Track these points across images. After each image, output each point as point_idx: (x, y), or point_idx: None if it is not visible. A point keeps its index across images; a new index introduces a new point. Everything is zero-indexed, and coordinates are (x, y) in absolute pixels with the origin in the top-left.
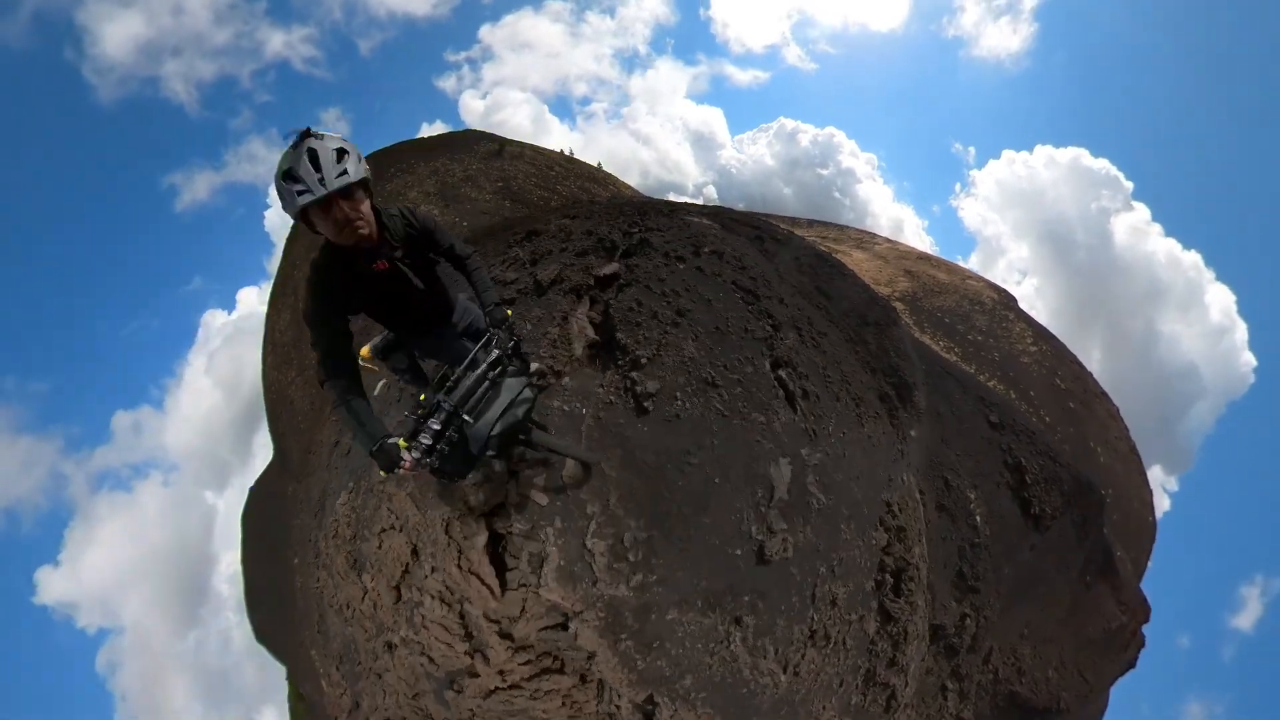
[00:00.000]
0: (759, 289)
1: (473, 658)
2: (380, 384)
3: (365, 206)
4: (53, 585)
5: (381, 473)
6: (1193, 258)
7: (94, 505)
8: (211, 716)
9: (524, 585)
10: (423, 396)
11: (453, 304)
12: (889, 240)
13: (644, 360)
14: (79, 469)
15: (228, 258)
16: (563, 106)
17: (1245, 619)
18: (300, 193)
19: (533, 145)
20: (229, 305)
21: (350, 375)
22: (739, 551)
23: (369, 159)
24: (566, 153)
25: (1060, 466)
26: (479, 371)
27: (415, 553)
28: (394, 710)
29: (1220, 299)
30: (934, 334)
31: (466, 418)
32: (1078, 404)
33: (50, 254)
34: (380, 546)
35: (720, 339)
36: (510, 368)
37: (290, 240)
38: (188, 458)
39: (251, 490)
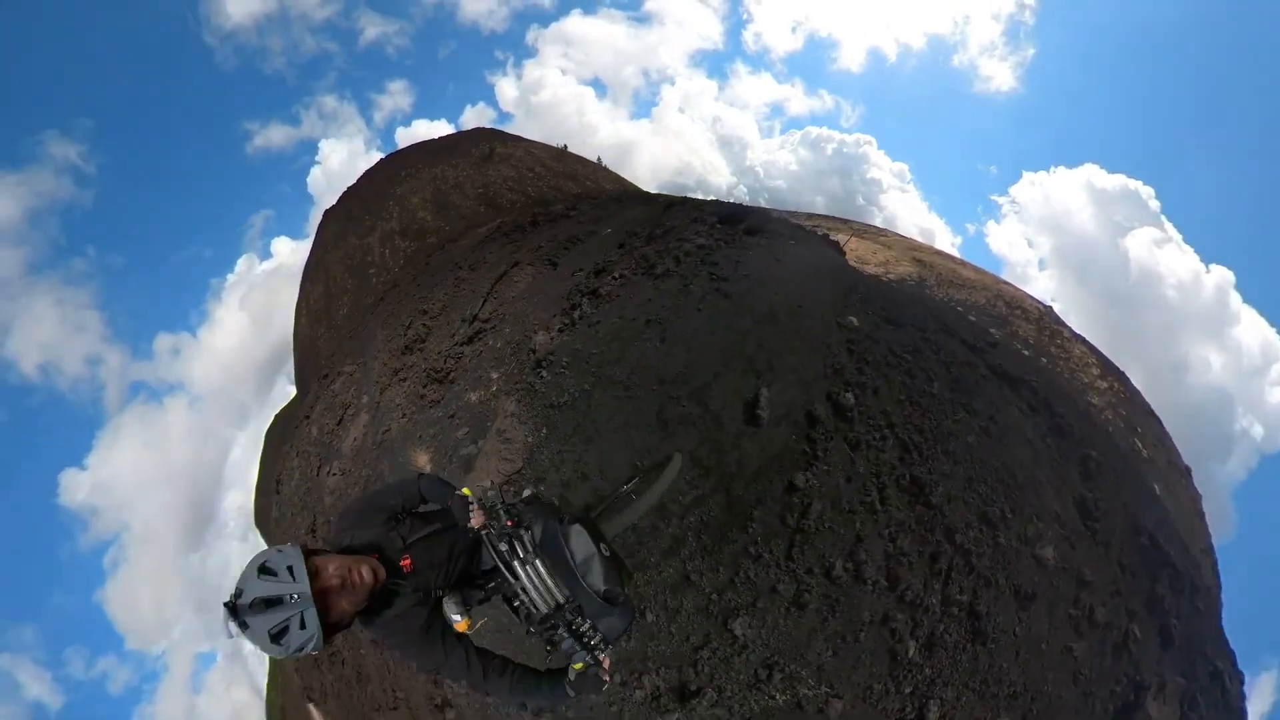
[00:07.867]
0: None
1: None
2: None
3: (334, 565)
4: (76, 488)
5: (606, 687)
6: (1221, 276)
7: (125, 415)
8: (200, 623)
9: None
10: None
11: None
12: (903, 237)
13: None
14: (116, 368)
15: (276, 206)
16: (613, 98)
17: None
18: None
19: (528, 144)
20: (265, 252)
21: (496, 666)
22: None
23: (393, 156)
24: (561, 148)
25: (1222, 656)
26: (530, 567)
27: None
28: None
29: (1253, 328)
30: None
31: (578, 618)
32: (1163, 488)
33: (143, 166)
34: None
35: None
36: (534, 531)
37: (321, 225)
38: (213, 392)
39: (277, 415)
